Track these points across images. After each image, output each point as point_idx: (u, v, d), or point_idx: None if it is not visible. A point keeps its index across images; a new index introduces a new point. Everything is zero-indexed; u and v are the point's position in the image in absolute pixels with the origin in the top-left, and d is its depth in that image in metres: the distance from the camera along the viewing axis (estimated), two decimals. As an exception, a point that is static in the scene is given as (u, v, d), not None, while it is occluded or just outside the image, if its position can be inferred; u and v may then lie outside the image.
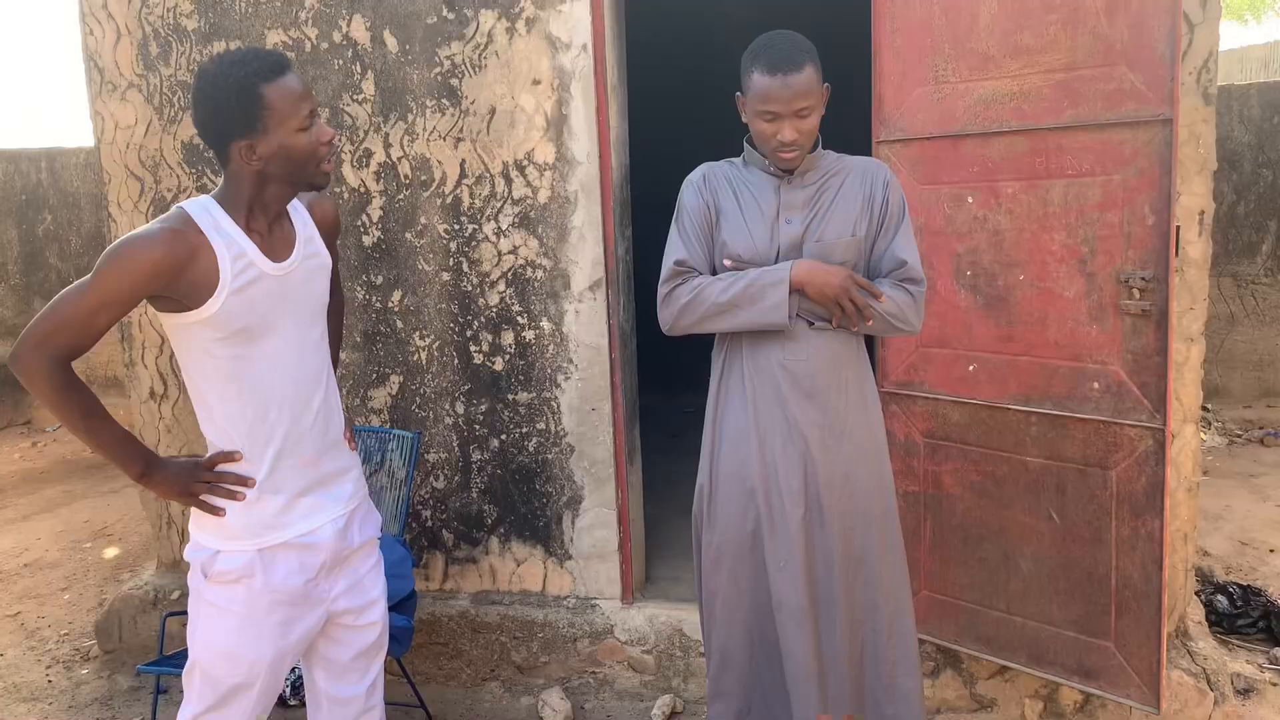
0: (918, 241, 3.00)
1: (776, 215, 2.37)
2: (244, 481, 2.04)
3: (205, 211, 1.99)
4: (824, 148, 2.41)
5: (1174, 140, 2.57)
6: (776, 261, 2.35)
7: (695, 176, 2.47)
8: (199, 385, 2.05)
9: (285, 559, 2.08)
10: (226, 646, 2.07)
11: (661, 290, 2.41)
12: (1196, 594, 3.65)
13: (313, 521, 2.12)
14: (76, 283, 1.93)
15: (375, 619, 2.28)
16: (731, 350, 2.44)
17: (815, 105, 2.26)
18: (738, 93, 2.35)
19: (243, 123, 1.95)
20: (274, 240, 2.07)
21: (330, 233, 2.27)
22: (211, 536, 2.07)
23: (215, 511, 2.04)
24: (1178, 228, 2.83)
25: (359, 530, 2.23)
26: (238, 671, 2.07)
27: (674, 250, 2.43)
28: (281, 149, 1.98)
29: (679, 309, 2.38)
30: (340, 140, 3.59)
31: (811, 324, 2.34)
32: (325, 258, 2.20)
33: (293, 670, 2.89)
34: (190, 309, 1.96)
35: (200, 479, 2.03)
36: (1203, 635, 3.28)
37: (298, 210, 2.17)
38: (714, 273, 2.42)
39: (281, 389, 2.07)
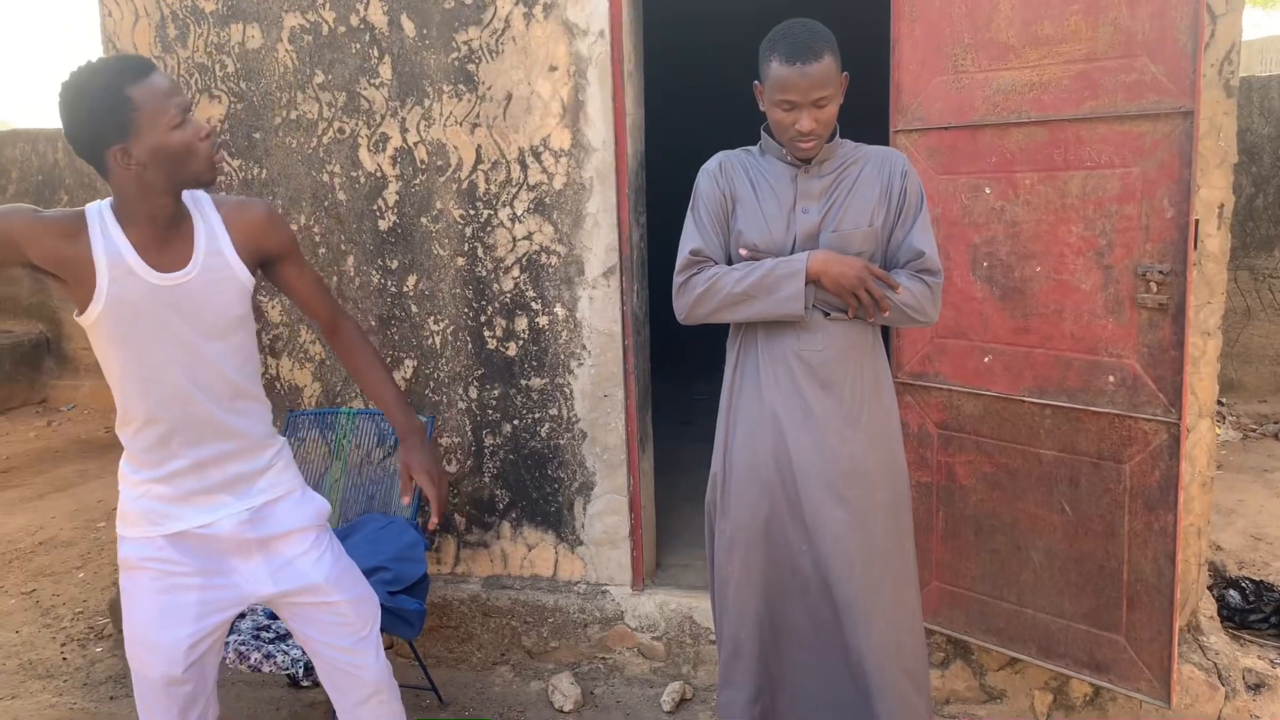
0: (935, 232, 3.00)
1: (793, 205, 2.36)
2: None
3: (98, 216, 2.01)
4: (841, 137, 2.40)
5: (1195, 133, 2.55)
6: (793, 251, 2.34)
7: (711, 165, 2.46)
8: (109, 379, 2.10)
9: (183, 545, 2.12)
10: (143, 634, 2.12)
11: (677, 279, 2.41)
12: (1209, 589, 3.65)
13: (208, 516, 2.14)
14: None
15: (329, 599, 2.26)
16: (746, 339, 2.44)
17: (834, 94, 2.25)
18: (755, 81, 2.34)
19: (114, 127, 1.92)
20: (166, 251, 2.04)
21: (261, 241, 2.18)
22: (119, 525, 2.16)
23: None
24: (1197, 221, 2.81)
25: (283, 519, 2.22)
26: (158, 660, 2.11)
27: (689, 239, 2.42)
28: (156, 149, 1.95)
29: (694, 299, 2.38)
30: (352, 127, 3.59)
31: (827, 314, 2.34)
32: (234, 272, 2.12)
33: (302, 651, 2.92)
34: (81, 310, 2.01)
35: None
36: (1214, 630, 3.28)
37: (206, 221, 2.11)
38: (729, 262, 2.42)
39: (173, 398, 2.07)
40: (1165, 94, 2.60)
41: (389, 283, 3.67)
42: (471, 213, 3.56)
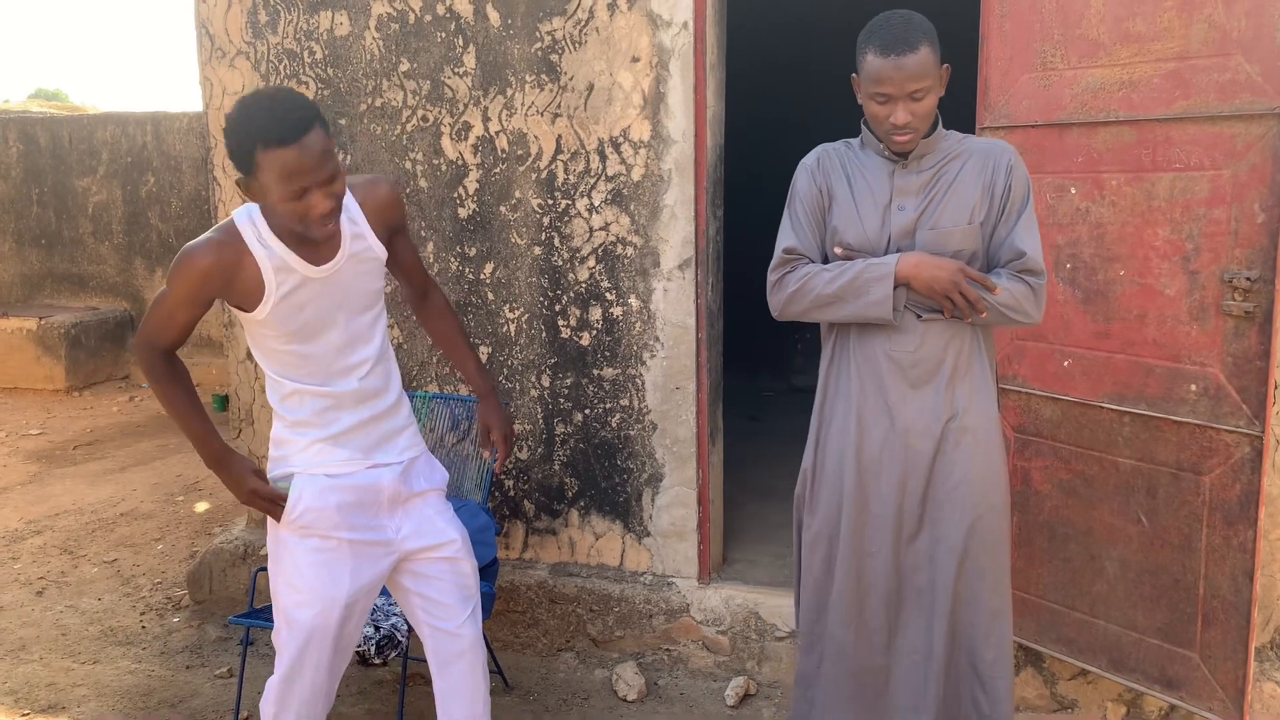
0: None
1: (890, 201, 2.32)
2: (279, 501, 2.25)
3: (250, 223, 2.12)
4: (945, 128, 2.34)
5: (1290, 136, 2.47)
6: (887, 250, 2.31)
7: (810, 160, 2.44)
8: (266, 366, 2.25)
9: (345, 505, 2.26)
10: (305, 583, 2.25)
11: (771, 277, 2.41)
12: (1291, 605, 3.54)
13: (373, 470, 2.31)
14: (156, 301, 2.18)
15: (458, 555, 2.42)
16: (841, 336, 2.42)
17: (932, 86, 2.20)
18: (853, 74, 2.32)
19: (242, 168, 2.03)
20: (315, 244, 2.16)
21: (387, 218, 2.32)
22: (287, 465, 2.29)
23: (271, 513, 2.26)
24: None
25: (421, 478, 2.40)
26: (316, 609, 2.24)
27: (784, 237, 2.41)
28: (268, 202, 2.06)
29: (786, 297, 2.37)
30: (436, 116, 3.63)
31: (920, 316, 2.30)
32: (376, 252, 2.29)
33: (377, 629, 2.98)
34: (247, 311, 2.16)
35: (255, 488, 2.24)
36: (1297, 648, 3.19)
37: (346, 208, 2.21)
38: (826, 259, 2.40)
39: (335, 371, 2.24)
40: (1260, 94, 2.52)
41: (467, 270, 3.72)
42: (550, 202, 3.58)
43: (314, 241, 2.13)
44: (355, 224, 2.23)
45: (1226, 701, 2.72)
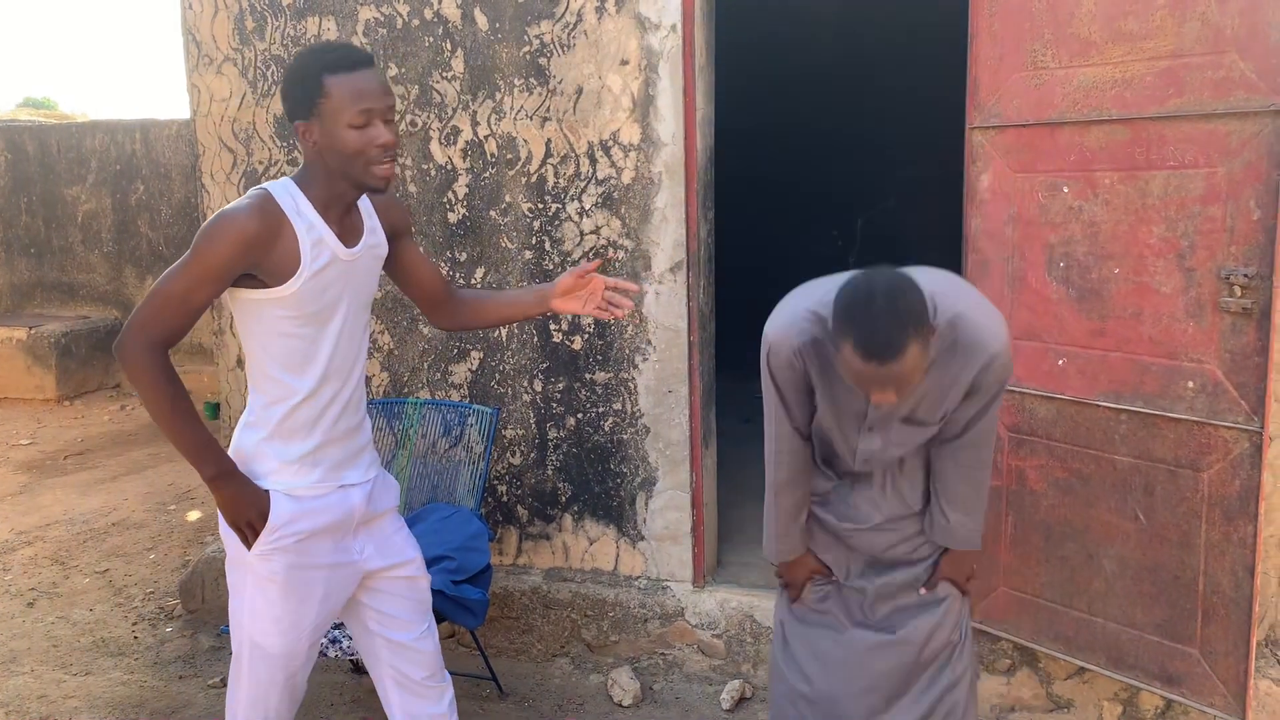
0: (1011, 231, 2.95)
1: (864, 416, 2.23)
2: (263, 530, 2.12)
3: (287, 194, 2.06)
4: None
5: (1285, 131, 2.47)
6: (860, 438, 2.27)
7: (782, 354, 2.22)
8: (262, 361, 2.13)
9: (323, 519, 2.18)
10: (274, 611, 2.17)
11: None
12: (1287, 602, 3.54)
13: (343, 490, 2.22)
14: (173, 265, 2.02)
15: (417, 574, 2.37)
16: None
17: (919, 374, 2.00)
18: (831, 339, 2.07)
19: (304, 104, 2.02)
20: (346, 226, 2.14)
21: (393, 218, 2.32)
22: (261, 482, 2.16)
23: (247, 541, 2.13)
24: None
25: (382, 498, 2.33)
26: (288, 638, 2.18)
27: (772, 422, 2.37)
28: (331, 140, 2.02)
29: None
30: (420, 125, 3.62)
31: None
32: (385, 246, 2.27)
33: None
34: (270, 287, 2.04)
35: (253, 515, 2.11)
36: (1293, 645, 3.18)
37: (364, 202, 2.22)
38: (809, 433, 2.36)
39: (336, 368, 2.16)
40: (1254, 91, 2.52)
41: (457, 274, 3.70)
42: (540, 206, 3.57)
43: (343, 221, 2.11)
44: (370, 216, 2.22)
45: (1228, 696, 2.71)
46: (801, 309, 2.18)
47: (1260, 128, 2.51)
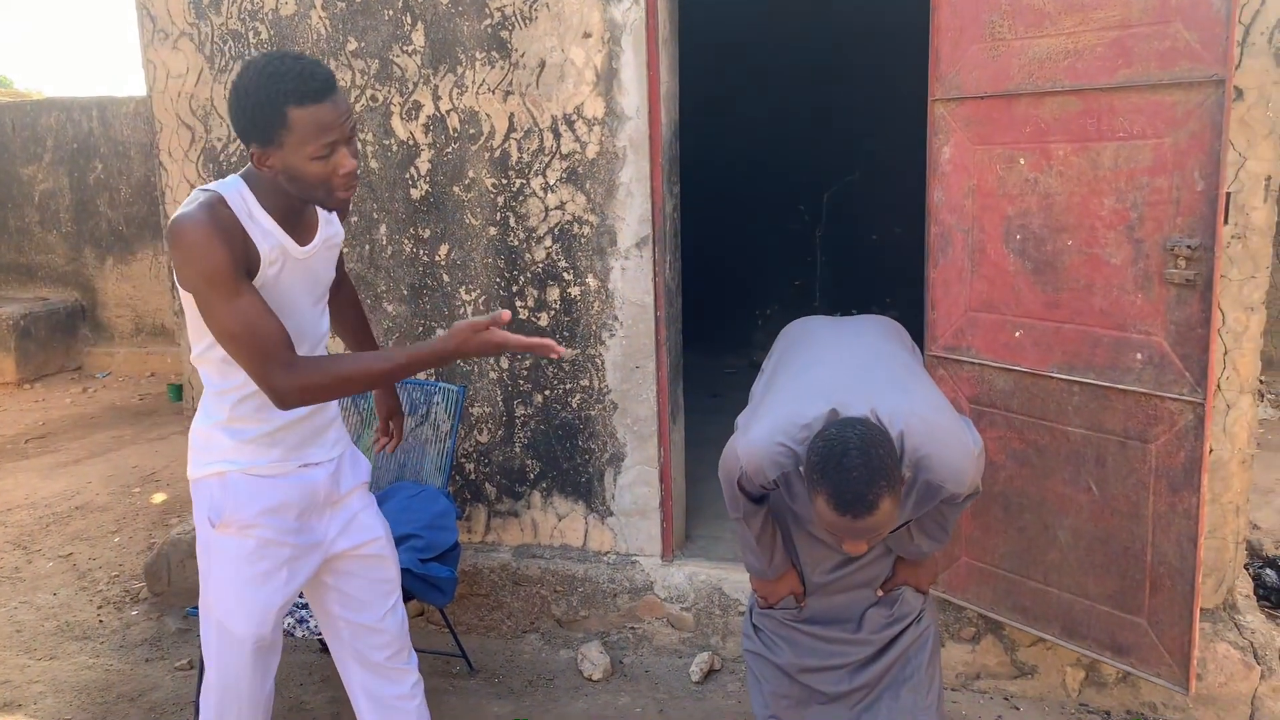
0: (970, 203, 2.96)
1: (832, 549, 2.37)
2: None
3: (238, 195, 2.02)
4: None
5: (1226, 102, 2.47)
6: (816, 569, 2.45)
7: (757, 479, 2.22)
8: (212, 350, 2.08)
9: (283, 497, 2.17)
10: (237, 595, 2.17)
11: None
12: (1245, 567, 3.60)
13: (305, 469, 2.22)
14: (214, 306, 1.95)
15: (382, 551, 2.36)
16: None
17: (892, 522, 2.03)
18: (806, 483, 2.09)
19: (262, 133, 1.93)
20: (299, 224, 2.11)
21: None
22: (220, 463, 2.14)
23: (550, 351, 2.02)
24: (1228, 195, 2.74)
25: (348, 476, 2.33)
26: (254, 620, 2.18)
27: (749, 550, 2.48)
28: (292, 169, 1.96)
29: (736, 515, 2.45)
30: (379, 102, 3.58)
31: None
32: (340, 234, 2.26)
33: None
34: None
35: (502, 340, 2.00)
36: (1250, 609, 3.24)
37: None
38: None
39: None
40: (1198, 61, 2.52)
41: (421, 252, 3.67)
42: (504, 182, 3.54)
43: (296, 221, 2.08)
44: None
45: (1173, 666, 2.76)
46: (775, 442, 2.14)
47: (1204, 98, 2.52)
